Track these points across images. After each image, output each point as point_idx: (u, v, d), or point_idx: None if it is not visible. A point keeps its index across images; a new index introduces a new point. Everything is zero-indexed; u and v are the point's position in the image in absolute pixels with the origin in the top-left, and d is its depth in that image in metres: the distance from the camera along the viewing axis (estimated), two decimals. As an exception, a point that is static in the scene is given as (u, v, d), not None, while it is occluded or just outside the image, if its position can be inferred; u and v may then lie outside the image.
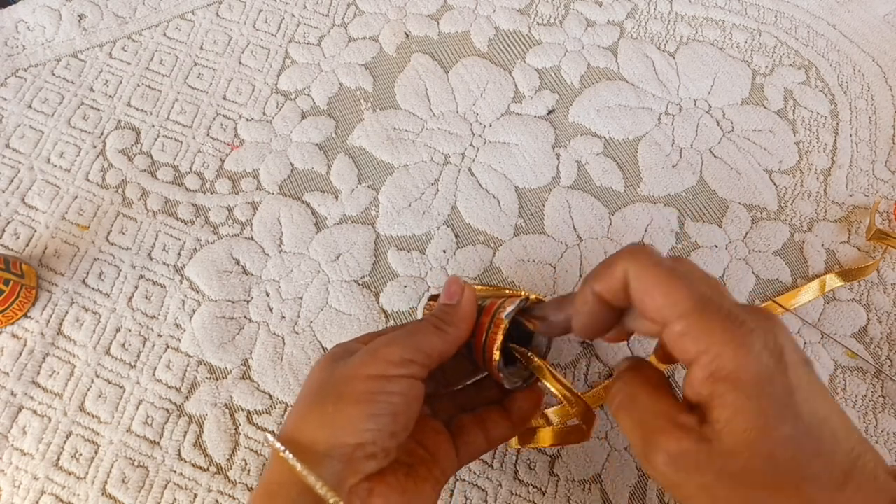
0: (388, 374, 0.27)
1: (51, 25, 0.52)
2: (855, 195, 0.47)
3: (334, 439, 0.25)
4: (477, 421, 0.32)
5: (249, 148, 0.48)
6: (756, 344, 0.22)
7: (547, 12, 0.54)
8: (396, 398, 0.27)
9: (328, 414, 0.26)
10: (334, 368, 0.28)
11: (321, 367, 0.29)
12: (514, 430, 0.32)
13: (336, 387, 0.27)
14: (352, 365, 0.27)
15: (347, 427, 0.26)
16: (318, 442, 0.26)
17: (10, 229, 0.45)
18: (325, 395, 0.27)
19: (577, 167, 0.48)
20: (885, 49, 0.52)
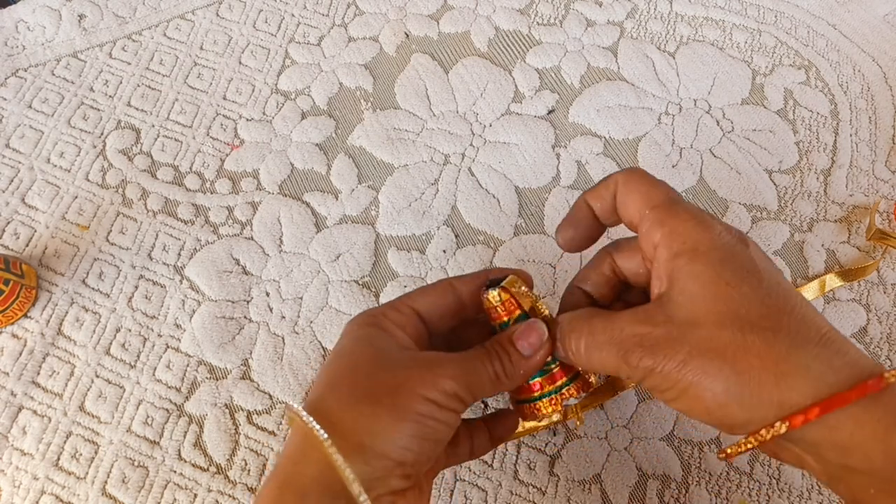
0: (441, 403, 0.25)
1: (51, 25, 0.52)
2: (855, 195, 0.47)
3: (378, 448, 0.24)
4: (466, 432, 0.31)
5: (249, 148, 0.48)
6: (718, 226, 0.24)
7: (547, 12, 0.54)
8: (443, 428, 0.26)
9: (377, 417, 0.24)
10: (381, 359, 0.26)
11: (362, 345, 0.27)
12: (492, 447, 0.33)
13: (388, 389, 0.25)
14: (407, 376, 0.25)
15: (395, 442, 0.24)
16: (359, 443, 0.24)
17: (10, 229, 0.45)
18: (372, 390, 0.25)
19: (577, 167, 0.48)
20: (886, 49, 0.52)
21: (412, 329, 0.29)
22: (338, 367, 0.27)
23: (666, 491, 0.38)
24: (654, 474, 0.39)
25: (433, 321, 0.30)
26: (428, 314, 0.30)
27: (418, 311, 0.29)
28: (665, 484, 0.38)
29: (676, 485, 0.38)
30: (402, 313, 0.29)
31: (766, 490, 0.38)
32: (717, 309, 0.22)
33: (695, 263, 0.23)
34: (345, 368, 0.27)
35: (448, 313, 0.30)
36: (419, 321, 0.29)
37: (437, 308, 0.30)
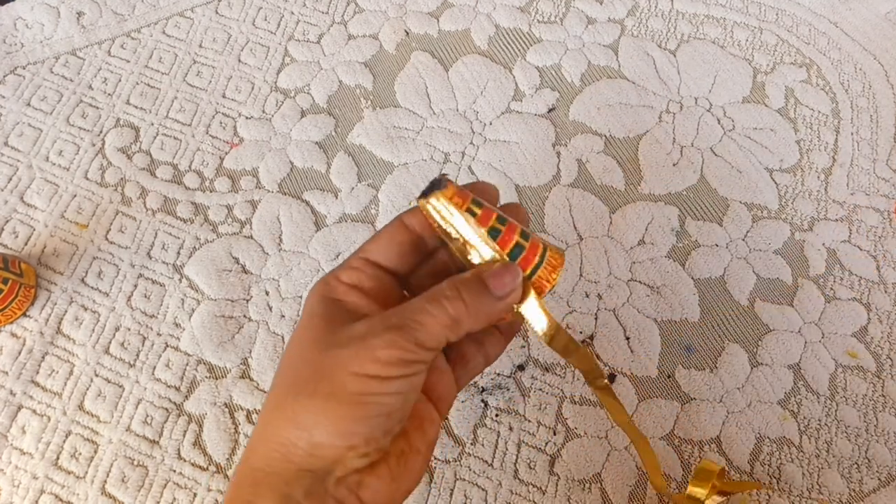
0: (382, 375, 0.24)
1: (49, 23, 0.52)
2: (856, 194, 0.47)
3: (318, 439, 0.23)
4: (476, 344, 0.29)
5: (249, 146, 0.48)
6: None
7: (547, 10, 0.53)
8: (392, 399, 0.24)
9: (314, 409, 0.24)
10: (327, 347, 0.25)
11: (311, 336, 0.26)
12: (507, 343, 0.30)
13: (323, 375, 0.24)
14: (338, 356, 0.24)
15: (336, 429, 0.23)
16: (305, 438, 0.24)
17: (9, 228, 0.45)
18: (309, 380, 0.24)
19: (577, 165, 0.47)
20: (887, 47, 0.52)
21: (369, 281, 0.27)
22: (286, 359, 0.26)
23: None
24: (654, 474, 0.39)
25: (396, 264, 0.28)
26: (386, 259, 0.27)
27: (373, 261, 0.27)
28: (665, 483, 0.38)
29: (676, 484, 0.38)
30: (355, 268, 0.27)
31: (766, 490, 0.38)
32: None
33: None
34: (291, 358, 0.26)
35: (406, 251, 0.28)
36: (377, 270, 0.27)
37: (393, 249, 0.27)
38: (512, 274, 0.26)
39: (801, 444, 0.39)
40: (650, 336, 0.42)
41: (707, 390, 0.41)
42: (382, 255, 0.27)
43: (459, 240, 0.26)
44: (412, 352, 0.24)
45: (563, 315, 0.43)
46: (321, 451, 0.23)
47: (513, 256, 0.26)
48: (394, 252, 0.27)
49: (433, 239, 0.28)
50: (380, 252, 0.27)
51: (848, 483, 0.38)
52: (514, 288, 0.26)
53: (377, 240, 0.27)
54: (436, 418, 0.27)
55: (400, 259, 0.27)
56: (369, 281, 0.27)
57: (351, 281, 0.26)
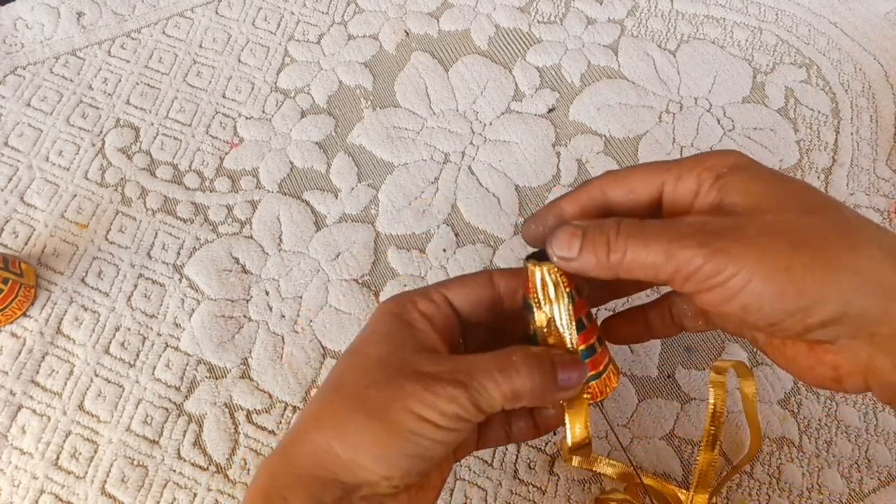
0: (438, 423, 0.24)
1: (49, 23, 0.52)
2: (856, 194, 0.47)
3: (361, 462, 0.24)
4: (503, 416, 0.30)
5: (249, 146, 0.48)
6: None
7: (547, 10, 0.54)
8: (439, 447, 0.25)
9: (365, 432, 0.24)
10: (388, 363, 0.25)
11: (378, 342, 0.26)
12: (537, 435, 0.31)
13: (383, 402, 0.24)
14: (404, 390, 0.24)
15: (380, 458, 0.24)
16: (347, 455, 0.24)
17: (9, 228, 0.45)
18: (367, 400, 0.25)
19: (577, 166, 0.47)
20: (887, 47, 0.52)
21: (441, 320, 0.28)
22: (347, 367, 0.27)
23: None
24: (655, 473, 0.39)
25: (467, 313, 0.28)
26: (461, 305, 0.28)
27: (451, 302, 0.28)
28: (665, 483, 0.38)
29: (676, 484, 0.38)
30: (434, 302, 0.28)
31: (766, 490, 0.38)
32: (777, 195, 0.22)
33: (741, 172, 0.23)
34: (353, 369, 0.26)
35: (483, 305, 0.28)
36: (451, 311, 0.28)
37: (472, 299, 0.28)
38: (581, 371, 0.26)
39: (801, 444, 0.39)
40: (650, 336, 0.42)
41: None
42: (461, 301, 0.28)
43: (546, 315, 0.26)
44: (469, 413, 0.24)
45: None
46: (359, 471, 0.24)
47: (584, 355, 0.26)
48: (473, 302, 0.28)
49: (510, 304, 0.28)
50: (461, 297, 0.28)
51: (848, 483, 0.38)
52: (577, 385, 0.26)
53: (462, 285, 0.28)
54: (451, 460, 0.29)
55: (475, 311, 0.28)
56: (442, 319, 0.27)
57: (427, 312, 0.27)
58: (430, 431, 0.24)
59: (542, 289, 0.26)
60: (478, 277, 0.28)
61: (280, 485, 0.25)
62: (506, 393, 0.24)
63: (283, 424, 0.40)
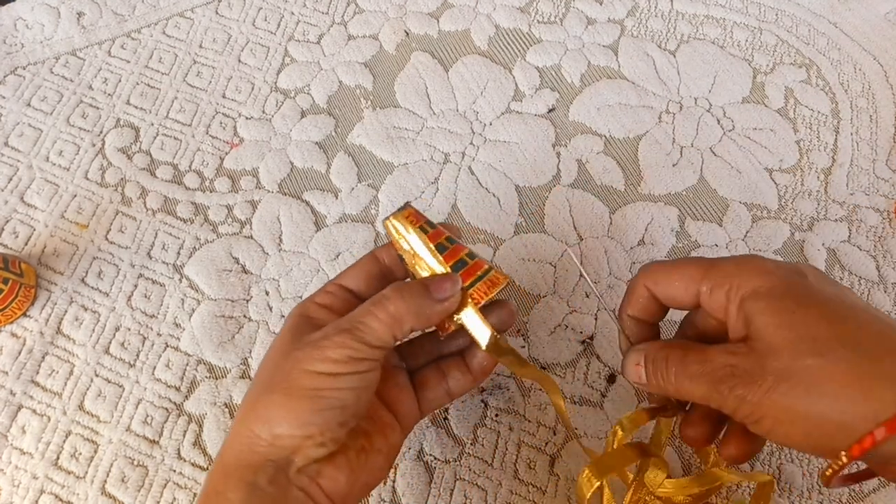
0: (334, 371, 0.26)
1: (49, 23, 0.52)
2: (855, 194, 0.47)
3: (277, 431, 0.26)
4: (439, 373, 0.33)
5: (249, 146, 0.48)
6: (770, 264, 0.26)
7: (547, 10, 0.54)
8: (344, 393, 0.27)
9: (272, 404, 0.26)
10: (289, 351, 0.28)
11: (281, 345, 0.29)
12: (474, 383, 0.33)
13: (283, 374, 0.27)
14: (296, 357, 0.27)
15: (292, 421, 0.26)
16: (266, 431, 0.26)
17: (10, 228, 0.45)
18: (274, 383, 0.27)
19: (577, 166, 0.47)
20: (886, 47, 0.52)
21: (340, 305, 0.30)
22: (259, 367, 0.30)
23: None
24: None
25: (364, 290, 0.31)
26: (357, 286, 0.31)
27: (345, 286, 0.31)
28: (665, 483, 0.38)
29: (676, 484, 0.38)
30: (329, 292, 0.30)
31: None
32: (789, 336, 0.24)
33: (759, 301, 0.25)
34: (262, 366, 0.29)
35: (376, 279, 0.31)
36: (349, 295, 0.31)
37: (364, 278, 0.31)
38: (451, 281, 0.29)
39: (800, 444, 0.39)
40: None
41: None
42: (354, 282, 0.31)
43: (410, 252, 0.30)
44: (359, 350, 0.27)
45: (563, 315, 0.43)
46: (281, 441, 0.26)
47: (455, 269, 0.29)
48: (363, 279, 0.31)
49: (400, 271, 0.31)
50: (352, 280, 0.31)
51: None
52: (452, 294, 0.29)
53: (351, 269, 0.31)
54: (397, 427, 0.31)
55: (368, 285, 0.31)
56: (340, 303, 0.30)
57: (323, 302, 0.30)
58: (329, 381, 0.26)
59: (399, 236, 0.30)
60: (364, 258, 0.32)
61: (217, 485, 0.26)
62: (386, 320, 0.27)
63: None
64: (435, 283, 0.28)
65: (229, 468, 0.26)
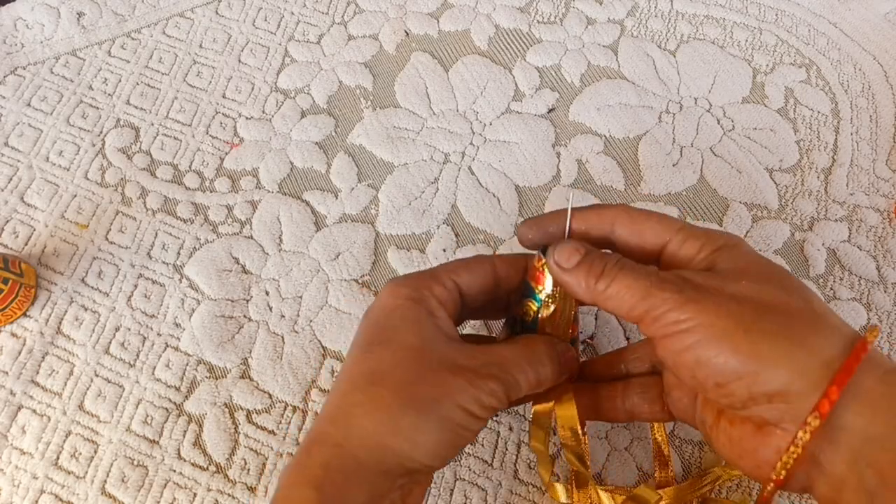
0: (478, 415, 0.26)
1: (49, 23, 0.52)
2: (856, 194, 0.47)
3: (418, 457, 0.25)
4: None
5: (249, 146, 0.48)
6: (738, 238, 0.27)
7: (547, 10, 0.54)
8: (472, 436, 0.27)
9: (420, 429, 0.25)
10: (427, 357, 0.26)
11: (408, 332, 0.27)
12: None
13: (433, 398, 0.25)
14: (451, 384, 0.25)
15: (433, 451, 0.26)
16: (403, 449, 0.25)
17: (9, 228, 0.45)
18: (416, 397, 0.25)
19: (577, 166, 0.47)
20: (887, 47, 0.52)
21: (452, 306, 0.29)
22: (382, 358, 0.27)
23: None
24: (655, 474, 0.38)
25: (468, 295, 0.30)
26: (467, 289, 0.30)
27: (460, 287, 0.29)
28: (665, 483, 0.38)
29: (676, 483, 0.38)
30: (447, 288, 0.29)
31: (767, 489, 0.38)
32: (761, 270, 0.24)
33: (740, 249, 0.25)
34: (390, 362, 0.27)
35: (483, 290, 0.30)
36: (459, 297, 0.29)
37: (476, 284, 0.30)
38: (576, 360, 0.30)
39: (801, 443, 0.39)
40: (650, 336, 0.42)
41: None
42: (467, 286, 0.30)
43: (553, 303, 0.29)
44: (502, 403, 0.26)
45: (563, 315, 0.43)
46: (410, 463, 0.25)
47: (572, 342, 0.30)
48: (476, 287, 0.30)
49: (504, 288, 0.30)
50: (467, 283, 0.30)
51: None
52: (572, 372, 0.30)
53: (468, 270, 0.30)
54: None
55: (476, 295, 0.30)
56: (453, 304, 0.29)
57: (442, 298, 0.29)
58: (473, 423, 0.26)
59: (555, 285, 0.28)
60: (482, 264, 0.30)
61: (337, 479, 0.25)
62: (532, 382, 0.27)
63: (282, 424, 0.40)
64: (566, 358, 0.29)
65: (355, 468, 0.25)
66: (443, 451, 0.26)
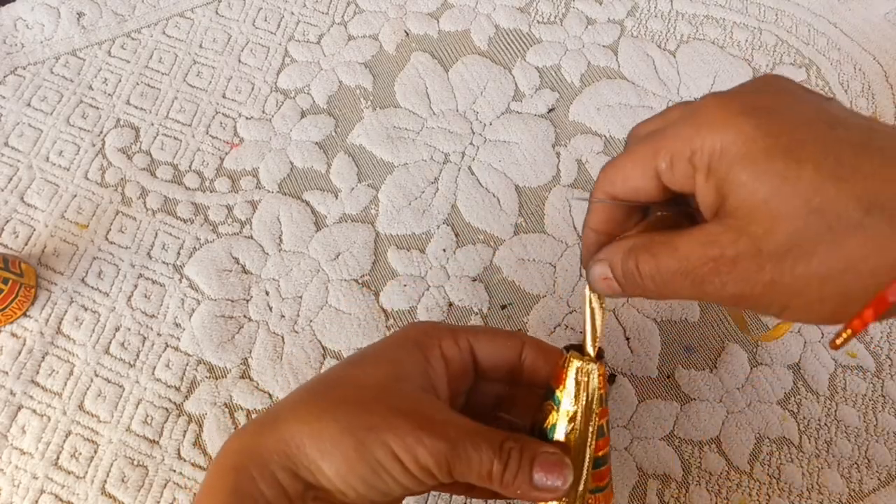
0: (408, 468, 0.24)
1: (49, 23, 0.52)
2: (855, 194, 0.46)
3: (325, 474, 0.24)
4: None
5: (249, 146, 0.48)
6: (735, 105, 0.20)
7: (547, 10, 0.54)
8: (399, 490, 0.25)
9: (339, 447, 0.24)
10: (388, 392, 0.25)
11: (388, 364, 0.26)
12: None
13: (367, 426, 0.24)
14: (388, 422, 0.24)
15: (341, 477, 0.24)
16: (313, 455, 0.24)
17: (10, 228, 0.45)
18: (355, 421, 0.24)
19: (577, 166, 0.47)
20: (886, 48, 0.52)
21: (458, 366, 0.28)
22: (350, 372, 0.27)
23: (666, 490, 0.38)
24: (655, 474, 0.39)
25: (485, 368, 0.28)
26: (484, 359, 0.28)
27: (475, 352, 0.28)
28: (665, 483, 0.38)
29: (676, 484, 0.38)
30: (459, 347, 0.28)
31: (766, 490, 0.38)
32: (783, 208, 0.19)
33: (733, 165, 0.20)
34: (352, 378, 0.26)
35: (503, 367, 0.28)
36: (471, 360, 0.28)
37: (496, 357, 0.28)
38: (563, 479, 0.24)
39: (800, 443, 0.39)
40: (650, 336, 0.42)
41: (707, 390, 0.41)
42: (485, 355, 0.28)
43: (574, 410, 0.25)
44: (440, 473, 0.24)
45: (563, 315, 0.43)
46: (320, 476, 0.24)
47: (597, 463, 0.25)
48: (495, 360, 0.28)
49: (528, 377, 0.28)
50: (486, 351, 0.28)
51: (848, 483, 0.38)
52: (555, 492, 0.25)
53: (492, 340, 0.28)
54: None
55: (493, 369, 0.28)
56: (459, 364, 0.28)
57: (448, 354, 0.27)
58: (397, 472, 0.24)
59: (576, 386, 0.25)
60: (509, 339, 0.28)
61: (252, 465, 0.25)
62: (481, 471, 0.24)
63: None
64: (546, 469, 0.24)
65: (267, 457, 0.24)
66: (353, 479, 0.24)
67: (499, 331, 0.29)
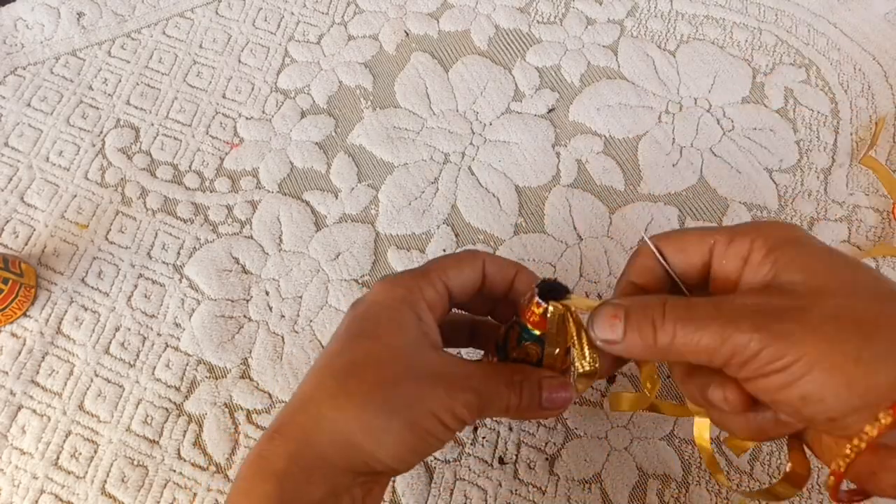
0: (449, 425, 0.25)
1: (49, 23, 0.52)
2: (855, 194, 0.47)
3: (381, 457, 0.25)
4: None
5: (249, 146, 0.48)
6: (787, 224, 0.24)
7: (547, 10, 0.54)
8: (439, 444, 0.26)
9: (389, 431, 0.25)
10: (407, 362, 0.26)
11: (392, 332, 0.26)
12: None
13: (406, 402, 0.25)
14: (426, 392, 0.25)
15: (398, 455, 0.25)
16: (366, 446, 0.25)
17: (10, 228, 0.45)
18: (390, 400, 0.25)
19: (577, 166, 0.47)
20: (886, 48, 0.52)
21: (440, 309, 0.29)
22: (364, 352, 0.27)
23: (666, 490, 0.38)
24: (655, 474, 0.39)
25: (457, 295, 0.29)
26: (455, 289, 0.29)
27: (450, 289, 0.29)
28: (665, 483, 0.38)
29: (676, 484, 0.38)
30: (437, 292, 0.28)
31: (766, 489, 0.38)
32: (843, 278, 0.20)
33: (801, 247, 0.22)
34: (371, 358, 0.26)
35: (471, 290, 0.30)
36: (448, 299, 0.29)
37: (465, 283, 0.29)
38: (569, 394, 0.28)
39: (800, 443, 0.39)
40: (650, 336, 0.42)
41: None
42: (456, 286, 0.29)
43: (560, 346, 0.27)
44: (473, 418, 0.26)
45: (562, 315, 0.43)
46: (375, 463, 0.25)
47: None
48: (465, 286, 0.29)
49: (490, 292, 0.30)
50: (458, 283, 0.29)
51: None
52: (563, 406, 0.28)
53: (459, 271, 0.29)
54: None
55: (464, 294, 0.29)
56: (441, 306, 0.29)
57: (431, 301, 0.28)
58: (440, 432, 0.26)
59: (558, 325, 0.26)
60: (472, 262, 0.29)
61: (299, 474, 0.25)
62: (501, 407, 0.27)
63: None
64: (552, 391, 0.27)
65: (318, 461, 0.25)
66: (408, 455, 0.26)
67: (461, 257, 0.30)
